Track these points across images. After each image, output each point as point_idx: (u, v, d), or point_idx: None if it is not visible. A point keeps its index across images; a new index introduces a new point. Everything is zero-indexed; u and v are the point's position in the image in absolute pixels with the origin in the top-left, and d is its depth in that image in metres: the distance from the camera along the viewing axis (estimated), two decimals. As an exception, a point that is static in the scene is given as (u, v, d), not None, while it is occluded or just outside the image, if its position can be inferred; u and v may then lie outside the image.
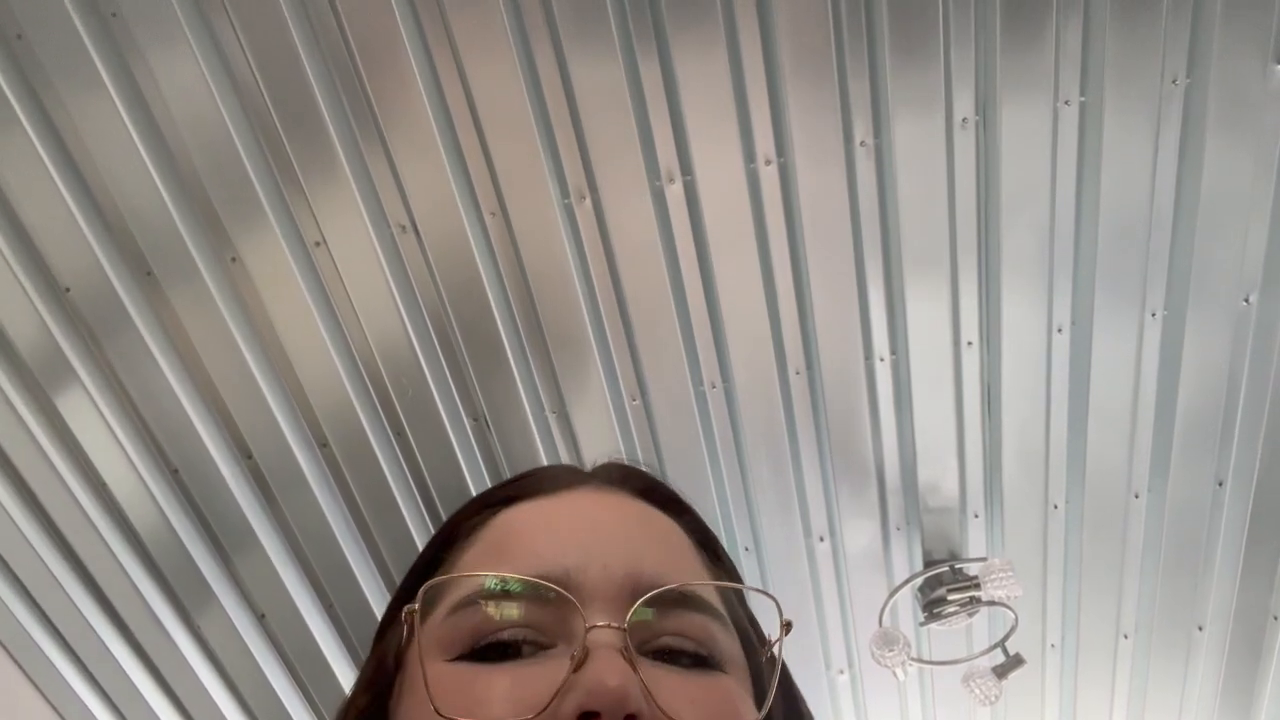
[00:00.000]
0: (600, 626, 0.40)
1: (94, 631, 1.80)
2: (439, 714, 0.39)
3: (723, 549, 0.54)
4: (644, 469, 0.57)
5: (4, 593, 1.70)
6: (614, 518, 0.49)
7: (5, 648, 1.75)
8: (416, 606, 0.44)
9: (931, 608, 2.09)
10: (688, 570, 0.47)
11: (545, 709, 0.37)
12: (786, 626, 0.45)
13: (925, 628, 2.15)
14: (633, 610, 0.41)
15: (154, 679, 1.91)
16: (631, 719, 0.37)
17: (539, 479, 0.54)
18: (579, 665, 0.38)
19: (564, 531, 0.47)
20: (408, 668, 0.45)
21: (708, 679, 0.43)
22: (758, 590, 0.50)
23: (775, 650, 0.46)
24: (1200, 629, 2.15)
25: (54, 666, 1.80)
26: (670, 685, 0.40)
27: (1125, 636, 2.22)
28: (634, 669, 0.39)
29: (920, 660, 2.20)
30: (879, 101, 1.55)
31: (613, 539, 0.46)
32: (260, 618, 1.92)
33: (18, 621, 1.73)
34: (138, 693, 1.90)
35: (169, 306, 1.57)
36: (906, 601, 2.17)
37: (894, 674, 2.10)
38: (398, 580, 2.13)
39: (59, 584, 1.72)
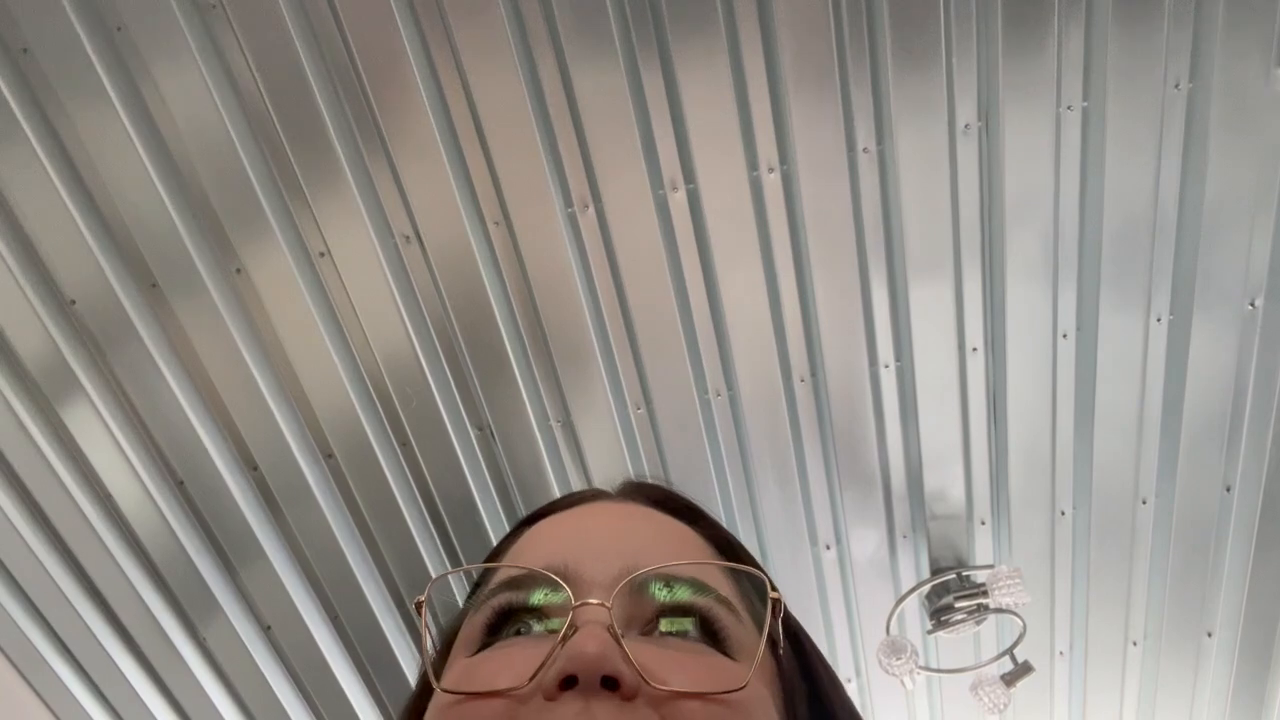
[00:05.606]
0: (590, 604, 0.43)
1: (99, 643, 1.79)
2: (441, 689, 0.43)
3: (746, 553, 0.55)
4: (659, 483, 0.60)
5: (9, 605, 1.70)
6: (621, 522, 0.52)
7: (10, 660, 1.75)
8: (424, 597, 0.49)
9: (939, 615, 2.08)
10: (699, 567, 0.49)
11: (533, 678, 0.40)
12: (774, 604, 0.46)
13: (933, 636, 2.14)
14: (618, 587, 0.44)
15: (159, 691, 1.91)
16: (611, 681, 0.39)
17: (565, 499, 0.59)
18: (565, 639, 0.41)
19: (570, 534, 0.51)
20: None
21: (704, 653, 0.44)
22: (744, 568, 0.50)
23: (770, 629, 0.46)
24: (1209, 635, 2.14)
25: (59, 679, 1.80)
26: (659, 655, 0.42)
27: (1134, 643, 2.21)
28: (617, 640, 0.41)
29: (928, 668, 2.18)
30: (881, 108, 1.55)
31: (614, 537, 0.49)
32: (266, 629, 1.91)
33: (23, 633, 1.73)
34: (143, 705, 1.90)
35: (174, 318, 1.57)
36: (914, 609, 2.16)
37: (901, 683, 2.09)
38: (403, 591, 2.12)
39: (64, 596, 1.72)
